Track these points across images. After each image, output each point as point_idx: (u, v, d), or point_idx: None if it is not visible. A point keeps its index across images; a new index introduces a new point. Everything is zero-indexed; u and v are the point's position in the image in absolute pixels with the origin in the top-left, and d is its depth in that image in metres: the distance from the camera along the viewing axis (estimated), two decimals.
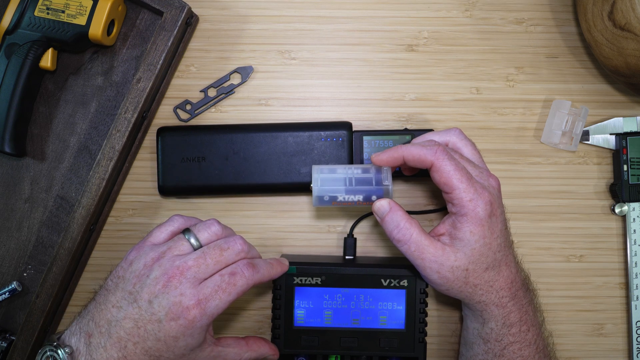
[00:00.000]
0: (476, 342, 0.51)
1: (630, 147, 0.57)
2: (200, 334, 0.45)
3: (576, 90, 0.59)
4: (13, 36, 0.54)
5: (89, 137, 0.58)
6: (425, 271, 0.48)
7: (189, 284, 0.44)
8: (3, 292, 0.57)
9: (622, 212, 0.58)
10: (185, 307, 0.43)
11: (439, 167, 0.47)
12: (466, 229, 0.47)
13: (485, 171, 0.50)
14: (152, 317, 0.43)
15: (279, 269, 0.50)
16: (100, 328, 0.44)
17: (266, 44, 0.59)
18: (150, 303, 0.44)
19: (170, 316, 0.43)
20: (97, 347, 0.44)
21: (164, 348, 0.44)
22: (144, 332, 0.43)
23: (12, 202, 0.58)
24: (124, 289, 0.45)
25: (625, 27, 0.50)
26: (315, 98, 0.59)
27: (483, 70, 0.59)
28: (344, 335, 0.53)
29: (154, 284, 0.44)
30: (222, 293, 0.44)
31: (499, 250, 0.48)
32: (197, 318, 0.44)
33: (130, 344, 0.43)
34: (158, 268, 0.45)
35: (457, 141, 0.51)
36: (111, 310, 0.44)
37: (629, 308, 0.58)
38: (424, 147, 0.48)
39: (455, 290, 0.49)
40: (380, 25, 0.59)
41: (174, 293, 0.44)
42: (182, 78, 0.59)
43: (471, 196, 0.46)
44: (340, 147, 0.56)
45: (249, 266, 0.46)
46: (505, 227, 0.49)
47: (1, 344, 0.56)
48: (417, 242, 0.47)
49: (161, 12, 0.55)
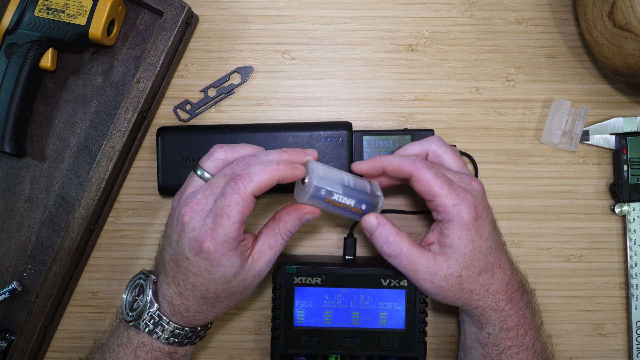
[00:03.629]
0: (474, 347, 0.51)
1: (630, 147, 0.57)
2: (229, 260, 0.45)
3: (576, 90, 0.59)
4: (13, 36, 0.54)
5: (89, 137, 0.58)
6: (419, 282, 0.48)
7: (198, 217, 0.45)
8: (3, 292, 0.57)
9: (622, 212, 0.58)
10: (199, 241, 0.44)
11: (418, 177, 0.47)
12: (454, 234, 0.47)
13: (467, 176, 0.49)
14: (182, 256, 0.46)
15: (287, 171, 0.45)
16: (162, 268, 0.48)
17: (266, 44, 0.59)
18: (177, 243, 0.46)
19: (193, 252, 0.45)
20: (162, 284, 0.48)
21: (205, 282, 0.46)
22: (184, 269, 0.46)
23: (12, 202, 0.58)
24: (165, 232, 0.49)
25: (625, 27, 0.50)
26: (315, 98, 0.59)
27: (483, 70, 0.59)
28: (344, 335, 0.53)
29: (176, 225, 0.46)
30: (221, 219, 0.44)
31: (490, 253, 0.48)
32: (212, 248, 0.44)
33: (180, 281, 0.47)
34: (177, 209, 0.47)
35: (437, 149, 0.51)
36: (163, 252, 0.48)
37: (629, 308, 0.58)
38: (402, 157, 0.48)
39: (452, 298, 0.48)
40: (380, 25, 0.59)
41: (189, 229, 0.45)
42: (182, 78, 0.59)
43: (454, 201, 0.46)
44: (340, 147, 0.56)
45: (236, 180, 0.43)
46: (494, 229, 0.49)
47: (1, 344, 0.56)
48: (408, 255, 0.47)
49: (161, 12, 0.55)
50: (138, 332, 0.48)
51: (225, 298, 0.48)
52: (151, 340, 0.48)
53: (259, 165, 0.44)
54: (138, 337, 0.48)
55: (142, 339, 0.48)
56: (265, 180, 0.44)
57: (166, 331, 0.48)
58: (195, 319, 0.48)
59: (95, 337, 0.57)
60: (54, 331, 0.59)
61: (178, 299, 0.47)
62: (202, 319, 0.48)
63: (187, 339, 0.49)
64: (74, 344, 0.60)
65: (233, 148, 0.48)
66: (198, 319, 0.48)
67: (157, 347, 0.48)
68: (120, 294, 0.59)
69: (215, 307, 0.48)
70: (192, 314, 0.48)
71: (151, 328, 0.48)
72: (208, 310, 0.48)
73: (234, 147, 0.48)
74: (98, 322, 0.59)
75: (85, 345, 0.59)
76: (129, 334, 0.49)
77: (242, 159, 0.46)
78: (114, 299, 0.60)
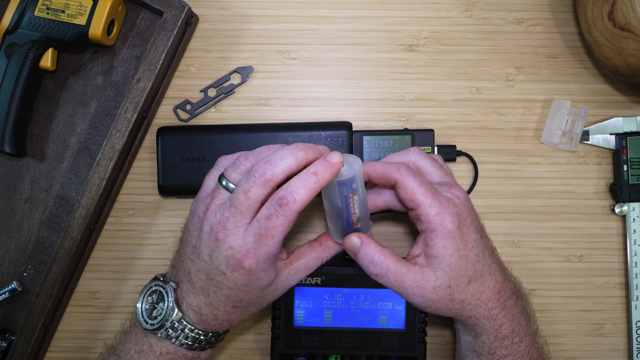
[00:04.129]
0: (469, 355, 0.50)
1: (630, 147, 0.57)
2: (266, 274, 0.45)
3: (576, 90, 0.59)
4: (13, 36, 0.54)
5: (89, 137, 0.58)
6: (409, 298, 0.48)
7: (234, 236, 0.44)
8: (3, 292, 0.57)
9: (622, 212, 0.58)
10: (238, 259, 0.44)
11: (402, 184, 0.47)
12: (438, 244, 0.46)
13: (448, 183, 0.49)
14: (217, 270, 0.45)
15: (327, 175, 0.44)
16: (185, 277, 0.47)
17: (266, 44, 0.59)
18: (210, 257, 0.45)
19: (231, 268, 0.44)
20: (187, 293, 0.47)
21: (240, 294, 0.46)
22: (217, 282, 0.45)
23: (12, 202, 0.58)
24: (190, 242, 0.47)
25: (625, 27, 0.50)
26: (315, 98, 0.59)
27: (483, 70, 0.59)
28: (344, 335, 0.53)
29: (207, 239, 0.45)
30: (265, 239, 0.43)
31: (478, 261, 0.47)
32: (254, 266, 0.44)
33: (211, 292, 0.46)
34: (207, 222, 0.45)
35: (416, 160, 0.50)
36: (187, 262, 0.47)
37: (629, 308, 0.58)
38: (387, 164, 0.48)
39: (444, 310, 0.48)
40: (380, 25, 0.59)
41: (224, 247, 0.44)
42: (182, 78, 0.59)
43: (437, 210, 0.46)
44: (340, 147, 0.56)
45: (281, 204, 0.43)
46: (481, 236, 0.48)
47: (1, 344, 0.56)
48: (395, 272, 0.47)
49: (161, 12, 0.55)
50: (160, 340, 0.47)
51: (254, 306, 0.48)
52: (175, 348, 0.47)
53: (298, 182, 0.43)
54: (160, 345, 0.47)
55: (165, 347, 0.47)
56: (308, 197, 0.43)
57: (189, 338, 0.47)
58: (222, 326, 0.48)
59: (95, 337, 0.57)
60: (54, 331, 0.59)
61: (207, 309, 0.46)
62: (228, 325, 0.48)
63: (209, 343, 0.48)
64: (74, 344, 0.60)
65: (256, 155, 0.46)
66: (224, 326, 0.48)
67: (181, 354, 0.47)
68: (121, 294, 0.59)
69: (243, 314, 0.48)
70: (220, 322, 0.47)
71: (175, 336, 0.47)
72: (236, 317, 0.48)
73: (257, 154, 0.47)
74: (98, 322, 0.59)
75: (86, 345, 0.59)
76: (150, 341, 0.48)
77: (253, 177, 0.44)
78: (114, 299, 0.60)
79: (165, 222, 0.59)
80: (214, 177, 0.48)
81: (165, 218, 0.59)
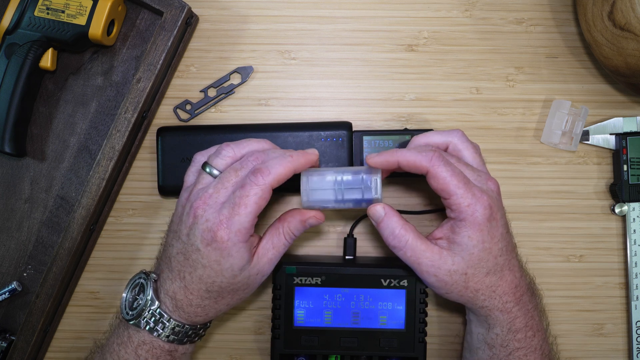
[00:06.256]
0: (481, 348, 0.50)
1: (630, 147, 0.57)
2: (238, 252, 0.46)
3: (576, 90, 0.59)
4: (13, 36, 0.54)
5: (89, 137, 0.58)
6: (422, 275, 0.48)
7: (212, 209, 0.46)
8: (3, 292, 0.57)
9: (622, 212, 0.58)
10: (213, 231, 0.45)
11: (434, 174, 0.47)
12: (464, 233, 0.47)
13: (485, 174, 0.49)
14: (192, 247, 0.47)
15: (300, 159, 0.48)
16: (166, 265, 0.49)
17: (266, 44, 0.59)
18: (188, 236, 0.47)
19: (205, 242, 0.46)
20: (165, 280, 0.49)
21: (212, 273, 0.47)
22: (192, 261, 0.47)
23: (12, 202, 0.58)
24: (172, 229, 0.50)
25: (625, 27, 0.50)
26: (315, 98, 0.59)
27: (483, 70, 0.59)
28: (344, 335, 0.53)
29: (187, 219, 0.47)
30: (238, 208, 0.45)
31: (501, 255, 0.48)
32: (225, 237, 0.45)
33: (186, 274, 0.47)
34: (188, 204, 0.48)
35: (458, 143, 0.50)
36: (168, 249, 0.49)
37: (629, 308, 0.58)
38: (419, 153, 0.47)
39: (455, 295, 0.48)
40: (380, 25, 0.59)
41: (201, 221, 0.46)
42: (182, 78, 0.59)
43: (469, 201, 0.46)
44: (340, 147, 0.56)
45: (256, 173, 0.46)
46: (507, 231, 0.49)
47: (1, 344, 0.56)
48: (413, 248, 0.48)
49: (161, 12, 0.55)
50: (138, 330, 0.48)
51: (228, 294, 0.48)
52: (152, 338, 0.48)
53: (275, 159, 0.47)
54: (138, 336, 0.48)
55: (142, 337, 0.48)
56: (283, 172, 0.46)
57: (167, 329, 0.48)
58: (196, 314, 0.48)
59: (94, 337, 0.57)
60: (54, 331, 0.59)
61: (182, 293, 0.48)
62: (204, 315, 0.49)
63: (187, 337, 0.49)
64: (74, 344, 0.60)
65: (239, 145, 0.50)
66: (199, 315, 0.49)
67: (157, 345, 0.48)
68: (120, 294, 0.59)
69: (217, 302, 0.48)
70: (194, 309, 0.48)
71: (152, 326, 0.48)
72: (210, 305, 0.48)
73: (239, 144, 0.50)
74: (98, 322, 0.59)
75: (86, 345, 0.59)
76: (129, 332, 0.49)
77: (252, 154, 0.48)
78: (114, 299, 0.60)
79: (165, 222, 0.59)
80: (193, 173, 0.51)
81: (165, 218, 0.59)
